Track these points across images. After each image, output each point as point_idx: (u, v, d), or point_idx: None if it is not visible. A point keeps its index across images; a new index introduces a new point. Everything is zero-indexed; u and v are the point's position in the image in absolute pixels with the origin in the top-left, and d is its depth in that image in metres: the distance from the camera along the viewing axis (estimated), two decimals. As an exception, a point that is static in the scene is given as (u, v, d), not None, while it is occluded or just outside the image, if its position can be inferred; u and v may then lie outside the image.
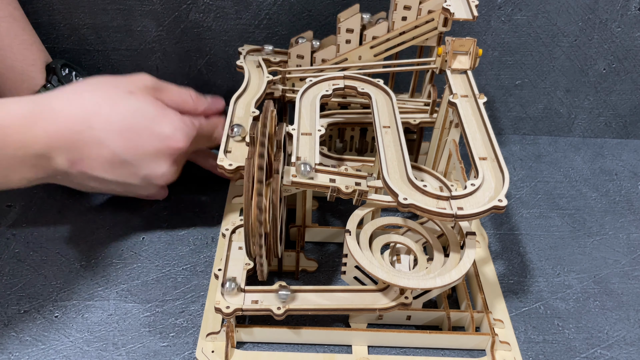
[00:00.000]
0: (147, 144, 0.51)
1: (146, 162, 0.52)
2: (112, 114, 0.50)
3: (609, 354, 0.52)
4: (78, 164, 0.49)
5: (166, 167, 0.53)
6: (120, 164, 0.51)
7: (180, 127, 0.53)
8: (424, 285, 0.45)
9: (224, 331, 0.49)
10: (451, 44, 0.54)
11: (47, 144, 0.47)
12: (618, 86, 0.74)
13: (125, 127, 0.50)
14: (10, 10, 0.61)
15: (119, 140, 0.50)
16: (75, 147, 0.49)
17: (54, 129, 0.47)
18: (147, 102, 0.52)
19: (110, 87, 0.52)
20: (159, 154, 0.52)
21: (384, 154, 0.48)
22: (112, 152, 0.50)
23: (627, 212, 0.67)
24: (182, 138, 0.53)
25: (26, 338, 0.50)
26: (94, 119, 0.49)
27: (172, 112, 0.53)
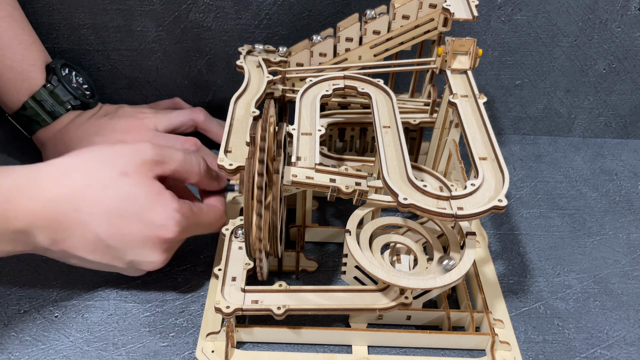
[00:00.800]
0: (135, 232, 0.47)
1: (132, 249, 0.48)
2: (100, 197, 0.46)
3: (609, 354, 0.52)
4: (60, 244, 0.47)
5: (154, 256, 0.49)
6: (105, 248, 0.48)
7: (173, 216, 0.48)
8: (424, 285, 0.45)
9: (224, 331, 0.49)
10: (451, 44, 0.54)
11: (29, 221, 0.45)
12: (618, 86, 0.74)
13: (112, 212, 0.47)
14: (10, 11, 0.61)
15: (104, 225, 0.47)
16: (58, 227, 0.46)
17: (38, 208, 0.45)
18: (140, 186, 0.48)
19: (103, 166, 0.48)
20: (147, 243, 0.48)
21: (384, 154, 0.48)
22: (97, 236, 0.47)
23: (627, 212, 0.67)
24: (173, 228, 0.48)
25: (26, 338, 0.50)
26: (82, 202, 0.46)
27: (169, 197, 0.49)
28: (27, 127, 0.64)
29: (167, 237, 0.48)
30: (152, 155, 0.49)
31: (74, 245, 0.47)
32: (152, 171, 0.49)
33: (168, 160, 0.50)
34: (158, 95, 0.74)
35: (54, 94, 0.62)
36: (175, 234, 0.49)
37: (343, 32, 0.58)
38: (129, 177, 0.47)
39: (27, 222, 0.45)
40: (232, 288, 0.48)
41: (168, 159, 0.50)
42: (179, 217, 0.49)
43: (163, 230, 0.48)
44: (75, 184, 0.46)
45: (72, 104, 0.64)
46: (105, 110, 0.66)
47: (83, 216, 0.46)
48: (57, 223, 0.46)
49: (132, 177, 0.47)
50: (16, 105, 0.63)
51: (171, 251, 0.51)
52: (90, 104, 0.65)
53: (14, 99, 0.62)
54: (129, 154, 0.49)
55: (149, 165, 0.49)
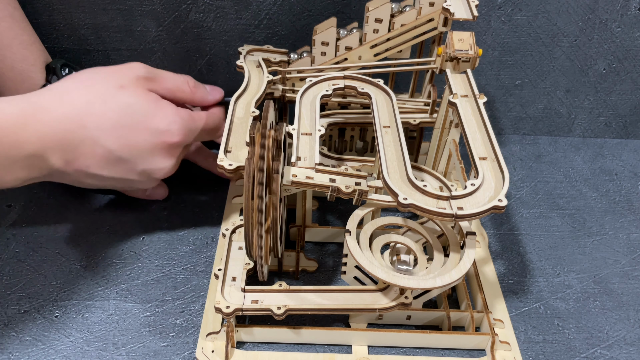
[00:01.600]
0: (142, 140, 0.50)
1: (142, 158, 0.51)
2: (104, 111, 0.49)
3: (609, 354, 0.52)
4: (73, 163, 0.49)
5: (164, 162, 0.52)
6: (116, 161, 0.50)
7: (175, 120, 0.51)
8: (424, 285, 0.45)
9: (224, 331, 0.49)
10: (450, 37, 0.54)
11: (40, 144, 0.46)
12: (618, 86, 0.74)
13: (118, 125, 0.49)
14: (10, 11, 0.61)
15: (112, 138, 0.49)
16: (69, 146, 0.48)
17: (46, 130, 0.47)
18: (139, 96, 0.51)
19: (101, 82, 0.50)
20: (154, 149, 0.51)
21: (384, 154, 0.48)
22: (107, 149, 0.49)
23: (627, 212, 0.67)
24: (177, 132, 0.51)
25: (26, 338, 0.50)
26: (86, 118, 0.48)
27: (167, 104, 0.52)
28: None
29: (173, 141, 0.51)
30: (144, 72, 0.52)
31: (87, 162, 0.49)
32: (147, 85, 0.52)
33: (159, 78, 0.53)
34: (158, 95, 0.74)
35: (54, 94, 0.63)
36: (180, 138, 0.51)
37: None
38: (126, 89, 0.50)
39: (38, 145, 0.46)
40: (232, 288, 0.48)
41: (158, 77, 0.53)
42: (181, 121, 0.52)
43: (168, 135, 0.51)
44: (76, 102, 0.48)
45: (72, 104, 0.64)
46: None
47: (90, 132, 0.48)
48: (66, 142, 0.47)
49: (129, 89, 0.50)
50: (16, 105, 0.63)
51: (178, 156, 0.53)
52: (90, 103, 0.66)
53: (14, 99, 0.62)
54: (123, 70, 0.52)
55: (142, 81, 0.52)
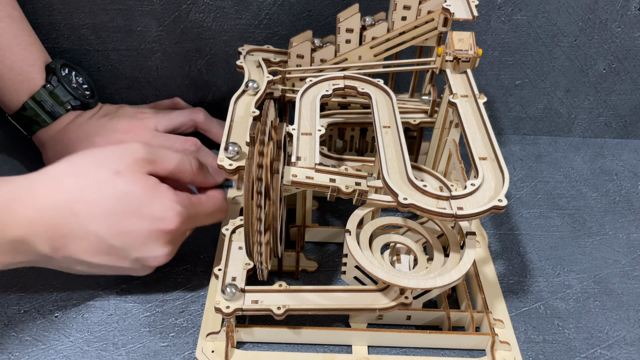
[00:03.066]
0: (136, 228, 0.47)
1: (136, 246, 0.48)
2: (97, 199, 0.46)
3: (609, 354, 0.52)
4: (62, 250, 0.46)
5: (158, 250, 0.49)
6: (108, 249, 0.47)
7: (173, 207, 0.48)
8: (424, 285, 0.45)
9: (224, 331, 0.49)
10: (450, 37, 0.54)
11: (26, 230, 0.44)
12: (618, 86, 0.74)
13: (111, 212, 0.46)
14: (9, 11, 0.61)
15: (105, 225, 0.46)
16: (57, 234, 0.45)
17: (35, 216, 0.44)
18: (136, 183, 0.47)
19: (96, 168, 0.47)
20: (150, 238, 0.48)
21: (384, 154, 0.48)
22: (98, 237, 0.46)
23: (627, 212, 0.67)
24: (174, 219, 0.48)
25: (26, 338, 0.50)
26: (78, 205, 0.46)
27: (166, 190, 0.49)
28: (27, 127, 0.64)
29: (169, 229, 0.48)
30: (143, 154, 0.49)
31: (76, 249, 0.47)
32: (145, 169, 0.49)
33: (160, 160, 0.50)
34: (158, 95, 0.74)
35: (53, 95, 0.62)
36: (176, 225, 0.48)
37: (343, 24, 0.58)
38: (122, 176, 0.47)
39: (24, 231, 0.44)
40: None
41: (160, 158, 0.50)
42: (179, 207, 0.49)
43: (164, 222, 0.48)
44: (69, 188, 0.46)
45: (72, 104, 0.64)
46: (106, 110, 0.66)
47: (82, 219, 0.46)
48: (55, 229, 0.45)
49: (125, 175, 0.47)
50: (16, 106, 0.62)
51: (175, 243, 0.51)
52: (90, 104, 0.65)
53: (14, 99, 0.62)
54: (121, 154, 0.49)
55: (141, 163, 0.49)
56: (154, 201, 0.48)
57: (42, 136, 0.64)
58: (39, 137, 0.64)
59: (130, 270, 0.50)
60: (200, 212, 0.52)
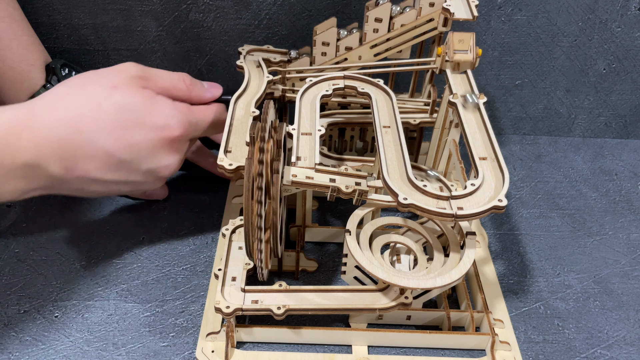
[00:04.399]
0: (141, 138, 0.49)
1: (145, 157, 0.49)
2: (98, 114, 0.47)
3: (609, 354, 0.52)
4: (74, 170, 0.47)
5: (168, 158, 0.51)
6: (118, 163, 0.49)
7: (173, 114, 0.50)
8: (424, 285, 0.45)
9: (224, 331, 0.49)
10: (451, 38, 0.54)
11: (35, 152, 0.45)
12: (618, 86, 0.74)
13: (115, 126, 0.48)
14: (10, 11, 0.61)
15: (111, 140, 0.47)
16: (66, 153, 0.46)
17: (41, 137, 0.45)
18: (133, 95, 0.49)
19: (93, 85, 0.49)
20: (156, 147, 0.49)
21: (384, 153, 0.48)
22: (107, 152, 0.48)
23: (627, 212, 0.67)
24: (177, 126, 0.50)
25: (26, 338, 0.50)
26: (81, 122, 0.47)
27: (163, 99, 0.51)
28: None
29: (174, 136, 0.50)
30: (137, 71, 0.51)
31: (88, 167, 0.47)
32: (140, 84, 0.50)
33: (153, 77, 0.52)
34: (158, 95, 0.74)
35: (53, 94, 0.62)
36: (180, 131, 0.50)
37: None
38: (119, 89, 0.49)
39: (33, 153, 0.45)
40: (232, 288, 0.48)
41: (152, 75, 0.52)
42: (179, 114, 0.50)
43: (167, 130, 0.49)
44: (69, 107, 0.47)
45: (72, 104, 0.64)
46: None
47: (87, 135, 0.47)
48: (63, 148, 0.46)
49: (122, 89, 0.49)
50: (16, 105, 0.63)
51: (182, 151, 0.52)
52: (90, 103, 0.65)
53: (14, 99, 0.62)
54: (115, 71, 0.50)
55: (136, 80, 0.50)
56: (153, 110, 0.49)
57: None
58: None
59: (144, 184, 0.52)
60: (200, 119, 0.53)
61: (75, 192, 0.50)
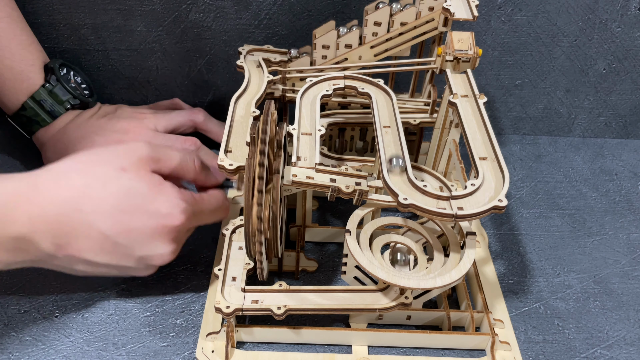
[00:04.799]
0: (141, 225, 0.47)
1: (141, 244, 0.47)
2: (102, 195, 0.46)
3: (609, 354, 0.52)
4: (65, 248, 0.45)
5: (163, 247, 0.48)
6: (112, 246, 0.47)
7: (178, 203, 0.48)
8: (424, 285, 0.45)
9: (224, 331, 0.49)
10: (450, 37, 0.54)
11: (29, 227, 0.43)
12: (618, 86, 0.74)
13: (117, 209, 0.46)
14: (8, 11, 0.61)
15: (109, 222, 0.46)
16: (61, 231, 0.45)
17: (37, 212, 0.44)
18: (141, 180, 0.47)
19: (100, 165, 0.47)
20: (154, 234, 0.47)
21: (384, 153, 0.48)
22: (103, 234, 0.46)
23: (627, 212, 0.67)
24: (179, 215, 0.48)
25: (26, 338, 0.50)
26: (83, 201, 0.45)
27: (169, 186, 0.49)
28: (27, 127, 0.64)
29: (175, 225, 0.48)
30: (147, 152, 0.49)
31: (80, 247, 0.46)
32: (149, 167, 0.49)
33: (163, 158, 0.50)
34: (158, 95, 0.74)
35: (53, 94, 0.62)
36: (182, 221, 0.48)
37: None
38: (127, 172, 0.47)
39: (27, 228, 0.43)
40: (232, 288, 0.48)
41: (163, 157, 0.50)
42: (183, 204, 0.48)
43: (169, 219, 0.48)
44: (74, 185, 0.46)
45: (72, 103, 0.64)
46: (105, 110, 0.66)
47: (86, 216, 0.45)
48: (59, 226, 0.45)
49: (130, 171, 0.47)
50: (15, 106, 0.63)
51: (179, 241, 0.50)
52: (89, 103, 0.65)
53: (14, 99, 0.62)
54: (125, 151, 0.49)
55: (145, 161, 0.49)
56: (159, 198, 0.48)
57: (42, 136, 0.64)
58: (39, 137, 0.64)
59: (133, 270, 0.50)
60: (203, 209, 0.52)
61: (61, 269, 0.48)
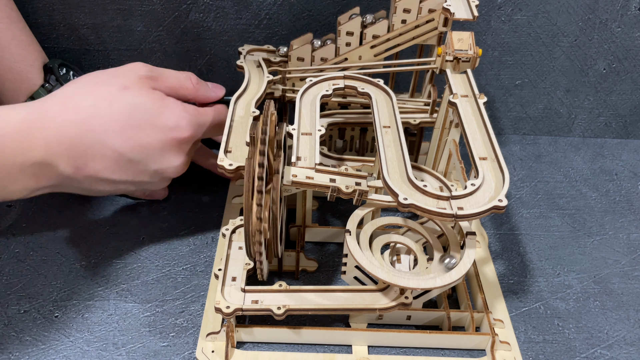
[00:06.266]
0: (152, 139, 0.49)
1: (154, 158, 0.50)
2: (110, 113, 0.48)
3: (609, 354, 0.52)
4: (83, 169, 0.48)
5: (175, 159, 0.52)
6: (127, 163, 0.49)
7: (183, 116, 0.51)
8: (424, 285, 0.45)
9: (224, 331, 0.49)
10: (450, 37, 0.54)
11: (46, 151, 0.45)
12: (618, 86, 0.74)
13: (126, 126, 0.48)
14: (8, 12, 0.61)
15: (121, 139, 0.48)
16: (77, 152, 0.47)
17: (52, 136, 0.46)
18: (144, 95, 0.50)
19: (104, 85, 0.50)
20: (165, 147, 0.50)
21: (384, 153, 0.48)
22: (117, 152, 0.48)
23: (627, 212, 0.67)
24: (186, 127, 0.51)
25: (26, 338, 0.50)
26: (93, 121, 0.47)
27: (173, 101, 0.51)
28: (27, 127, 0.64)
29: (183, 137, 0.51)
30: (145, 71, 0.51)
31: (97, 167, 0.48)
32: (150, 84, 0.51)
33: (161, 76, 0.52)
34: (158, 95, 0.73)
35: (53, 94, 0.63)
36: (189, 133, 0.51)
37: (344, 26, 0.58)
38: (130, 90, 0.49)
39: (44, 152, 0.45)
40: (232, 288, 0.48)
41: (161, 75, 0.53)
42: (189, 116, 0.51)
43: (177, 131, 0.50)
44: (81, 106, 0.48)
45: (72, 103, 0.64)
46: None
47: (98, 135, 0.47)
48: (74, 147, 0.47)
49: (133, 89, 0.50)
50: (16, 106, 0.63)
51: (189, 153, 0.53)
52: (89, 103, 0.66)
53: (13, 99, 0.62)
54: (124, 71, 0.51)
55: (145, 80, 0.51)
56: (164, 111, 0.50)
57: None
58: (39, 136, 0.64)
59: (151, 184, 0.53)
60: (207, 121, 0.54)
61: (82, 190, 0.51)
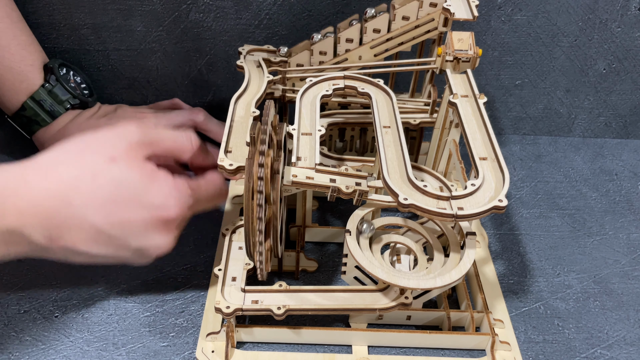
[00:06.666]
0: (135, 217, 0.45)
1: (136, 235, 0.46)
2: (92, 188, 0.44)
3: (609, 354, 0.52)
4: (58, 240, 0.44)
5: (159, 238, 0.47)
6: (107, 239, 0.45)
7: (172, 194, 0.46)
8: (424, 285, 0.45)
9: (224, 331, 0.49)
10: (450, 37, 0.54)
11: (19, 220, 0.42)
12: (618, 86, 0.74)
13: (108, 202, 0.44)
14: (8, 12, 0.61)
15: (101, 215, 0.44)
16: (52, 224, 0.43)
17: (26, 205, 0.42)
18: (132, 170, 0.45)
19: (91, 154, 0.45)
20: (149, 226, 0.46)
21: (384, 154, 0.48)
22: (95, 227, 0.44)
23: (627, 212, 0.67)
24: (174, 206, 0.46)
25: (26, 338, 0.50)
26: (73, 195, 0.43)
27: (163, 175, 0.47)
28: (27, 127, 0.64)
29: (170, 217, 0.46)
30: (138, 136, 0.47)
31: (74, 240, 0.44)
32: (141, 152, 0.46)
33: (156, 139, 0.48)
34: (158, 95, 0.74)
35: (52, 94, 0.62)
36: (177, 212, 0.46)
37: (343, 33, 0.58)
38: (117, 162, 0.45)
39: (16, 221, 0.42)
40: (232, 288, 0.48)
41: (156, 139, 0.48)
42: (178, 194, 0.47)
43: (164, 210, 0.46)
44: (62, 177, 0.44)
45: (71, 103, 0.64)
46: (105, 110, 0.66)
47: (77, 209, 0.44)
48: (49, 219, 0.43)
49: (121, 161, 0.45)
50: (15, 106, 0.63)
51: (176, 231, 0.48)
52: (89, 102, 0.65)
53: (13, 99, 0.62)
54: (114, 138, 0.46)
55: (137, 147, 0.46)
56: (152, 188, 0.45)
57: (42, 136, 0.64)
58: (39, 137, 0.64)
59: (132, 260, 0.48)
60: (200, 197, 0.50)
61: (59, 259, 0.47)
